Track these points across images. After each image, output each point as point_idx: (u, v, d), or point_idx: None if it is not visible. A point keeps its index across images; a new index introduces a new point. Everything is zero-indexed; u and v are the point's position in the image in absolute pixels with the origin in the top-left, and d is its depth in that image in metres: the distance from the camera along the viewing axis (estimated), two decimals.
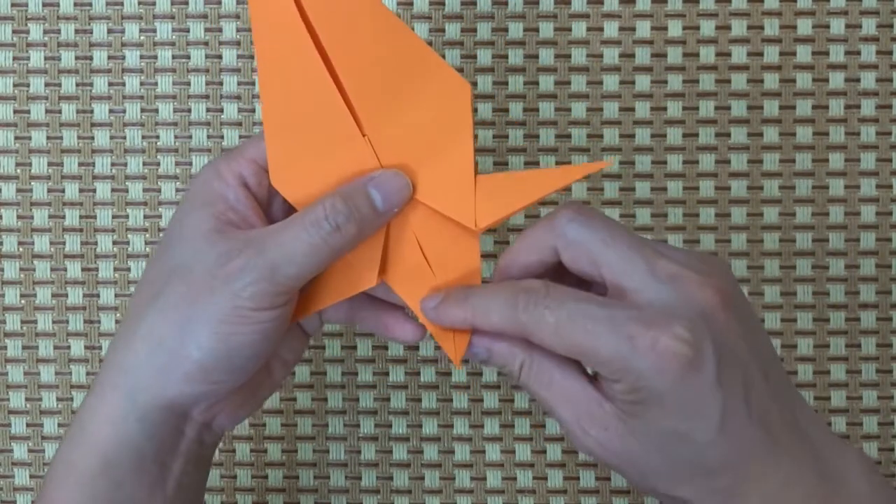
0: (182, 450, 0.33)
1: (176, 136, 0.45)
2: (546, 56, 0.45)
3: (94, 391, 0.33)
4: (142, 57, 0.45)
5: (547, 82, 0.45)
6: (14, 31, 0.45)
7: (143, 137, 0.45)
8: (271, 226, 0.32)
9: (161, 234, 0.45)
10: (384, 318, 0.36)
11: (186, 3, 0.45)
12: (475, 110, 0.44)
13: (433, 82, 0.33)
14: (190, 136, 0.45)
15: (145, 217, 0.45)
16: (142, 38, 0.45)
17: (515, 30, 0.45)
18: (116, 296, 0.45)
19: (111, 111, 0.45)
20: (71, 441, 0.33)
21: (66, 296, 0.45)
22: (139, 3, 0.45)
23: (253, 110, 0.45)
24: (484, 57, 0.45)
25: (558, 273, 0.33)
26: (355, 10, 0.33)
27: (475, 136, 0.33)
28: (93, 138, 0.45)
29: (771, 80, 0.45)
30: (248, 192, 0.33)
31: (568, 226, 0.31)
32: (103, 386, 0.33)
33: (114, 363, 0.33)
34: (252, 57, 0.45)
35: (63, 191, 0.45)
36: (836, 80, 0.45)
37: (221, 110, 0.45)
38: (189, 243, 0.32)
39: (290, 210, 0.35)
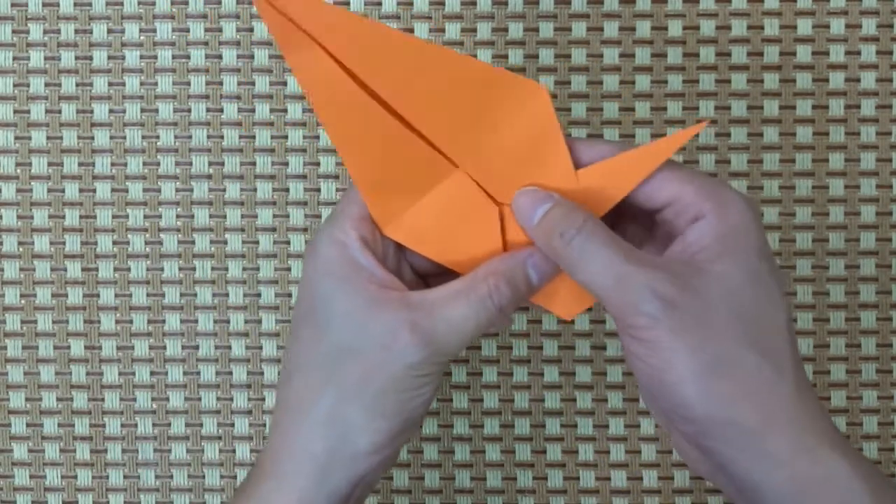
0: None
1: (176, 136, 0.45)
2: (546, 56, 0.45)
3: (275, 472, 0.33)
4: (142, 57, 0.45)
5: (547, 82, 0.45)
6: (14, 31, 0.45)
7: (143, 137, 0.45)
8: (429, 294, 0.33)
9: (160, 234, 0.45)
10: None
11: (186, 3, 0.45)
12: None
13: (507, 96, 0.32)
14: (190, 136, 0.45)
15: (145, 217, 0.45)
16: (142, 38, 0.45)
17: (515, 30, 0.45)
18: (116, 296, 0.45)
19: (111, 111, 0.45)
20: None
21: (66, 296, 0.45)
22: (139, 3, 0.45)
23: (253, 110, 0.45)
24: (484, 57, 0.45)
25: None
26: (400, 55, 0.32)
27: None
28: (93, 138, 0.45)
29: (771, 80, 0.45)
30: (373, 253, 0.34)
31: None
32: (287, 467, 0.33)
33: (295, 447, 0.33)
34: (252, 57, 0.45)
35: (63, 191, 0.45)
36: (836, 80, 0.45)
37: (221, 110, 0.45)
38: (350, 321, 0.33)
39: (397, 250, 0.35)
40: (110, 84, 0.45)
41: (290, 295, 0.45)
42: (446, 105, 0.33)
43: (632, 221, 0.36)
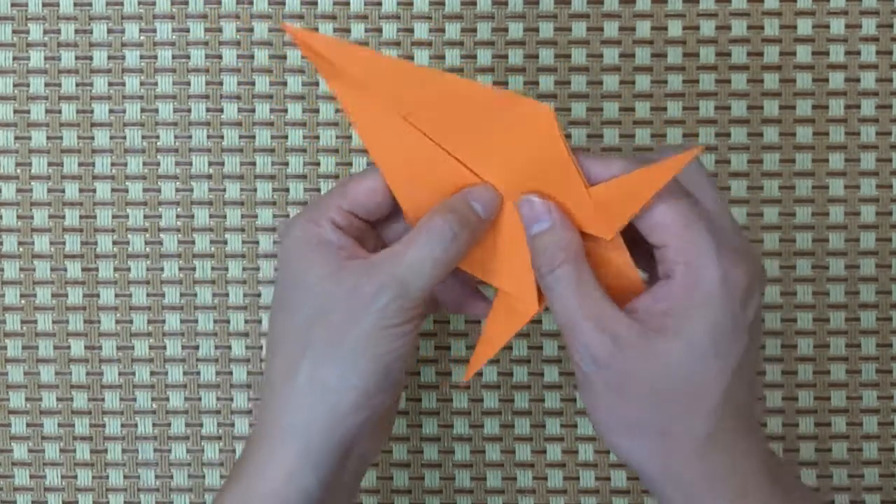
0: (340, 486, 0.35)
1: (176, 136, 0.45)
2: (546, 56, 0.45)
3: (260, 448, 0.34)
4: (142, 57, 0.45)
5: (547, 82, 0.45)
6: (14, 31, 0.45)
7: (143, 137, 0.45)
8: (390, 248, 0.34)
9: (160, 234, 0.45)
10: (466, 298, 0.39)
11: (186, 3, 0.45)
12: None
13: (517, 116, 0.34)
14: (190, 136, 0.45)
15: (145, 217, 0.45)
16: (142, 38, 0.45)
17: (515, 30, 0.45)
18: (116, 296, 0.45)
19: (111, 111, 0.45)
20: (242, 495, 0.34)
21: (66, 296, 0.45)
22: (139, 3, 0.45)
23: (253, 110, 0.45)
24: (484, 57, 0.45)
25: None
26: (415, 81, 0.34)
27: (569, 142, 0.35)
28: (93, 138, 0.45)
29: (771, 80, 0.45)
30: (344, 232, 0.35)
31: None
32: (272, 442, 0.34)
33: (278, 420, 0.34)
34: (252, 57, 0.45)
35: (63, 191, 0.45)
36: (836, 80, 0.45)
37: (221, 110, 0.45)
38: (316, 289, 0.34)
39: (377, 235, 0.37)
40: (110, 84, 0.45)
41: None
42: (465, 126, 0.34)
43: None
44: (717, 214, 0.33)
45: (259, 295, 0.45)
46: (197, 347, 0.45)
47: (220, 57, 0.45)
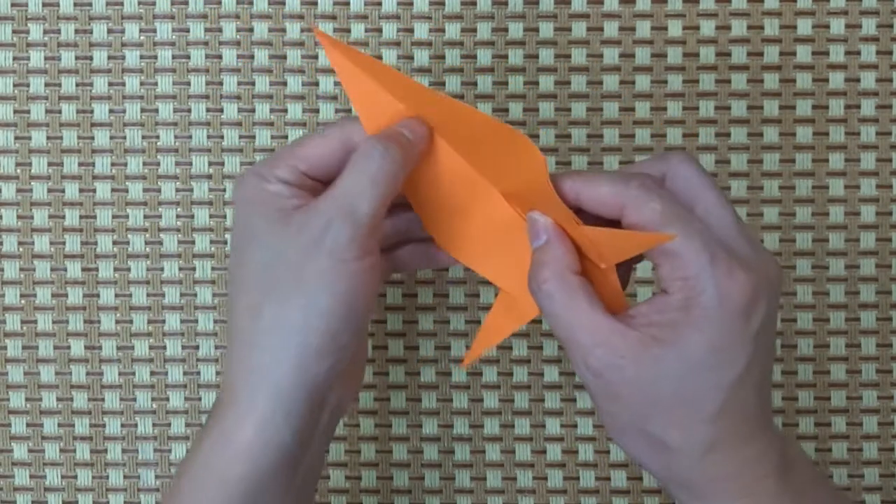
0: (314, 440, 0.35)
1: (176, 136, 0.45)
2: (546, 56, 0.45)
3: (231, 399, 0.34)
4: (142, 57, 0.45)
5: (547, 82, 0.45)
6: (14, 31, 0.45)
7: (143, 137, 0.45)
8: (329, 188, 0.34)
9: (160, 234, 0.45)
10: (427, 253, 0.39)
11: (186, 3, 0.45)
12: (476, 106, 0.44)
13: (517, 148, 0.35)
14: (190, 136, 0.45)
15: (145, 217, 0.45)
16: (142, 38, 0.45)
17: (515, 30, 0.45)
18: (116, 296, 0.45)
19: (111, 111, 0.45)
20: (212, 447, 0.34)
21: (66, 296, 0.45)
22: (139, 3, 0.45)
23: (253, 110, 0.45)
24: (484, 57, 0.45)
25: None
26: (432, 98, 0.35)
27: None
28: (93, 138, 0.45)
29: (771, 80, 0.45)
30: (297, 188, 0.35)
31: (682, 163, 0.34)
32: (241, 391, 0.34)
33: (246, 368, 0.34)
34: (252, 57, 0.45)
35: (63, 191, 0.45)
36: (836, 80, 0.45)
37: (221, 110, 0.45)
38: (269, 236, 0.34)
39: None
40: (110, 84, 0.45)
41: None
42: (475, 141, 0.35)
43: None
44: (718, 221, 0.33)
45: None
46: (197, 347, 0.45)
47: (220, 57, 0.45)
